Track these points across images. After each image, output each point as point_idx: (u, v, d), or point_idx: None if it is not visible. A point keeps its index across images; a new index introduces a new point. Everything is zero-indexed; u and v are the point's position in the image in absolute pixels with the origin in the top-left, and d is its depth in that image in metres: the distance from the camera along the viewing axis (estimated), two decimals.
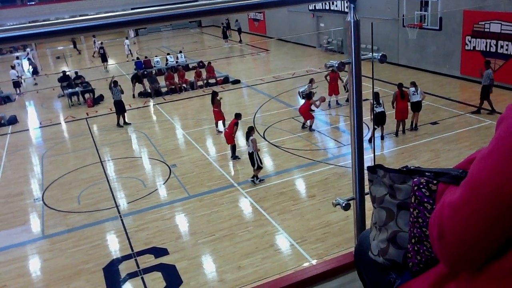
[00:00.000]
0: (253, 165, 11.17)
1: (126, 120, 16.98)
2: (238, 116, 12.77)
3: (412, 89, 13.09)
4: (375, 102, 12.40)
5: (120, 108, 16.75)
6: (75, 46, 37.99)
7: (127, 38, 31.84)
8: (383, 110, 12.70)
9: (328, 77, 16.22)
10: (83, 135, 16.31)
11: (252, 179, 11.21)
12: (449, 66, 18.72)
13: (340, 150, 12.91)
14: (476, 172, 0.82)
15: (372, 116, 12.70)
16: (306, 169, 11.80)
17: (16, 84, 23.46)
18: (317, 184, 10.91)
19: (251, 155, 11.14)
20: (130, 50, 30.62)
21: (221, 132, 14.33)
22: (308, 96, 14.35)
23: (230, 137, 12.52)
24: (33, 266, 9.03)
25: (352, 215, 2.09)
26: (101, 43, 29.16)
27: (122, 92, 16.96)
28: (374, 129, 12.50)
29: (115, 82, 17.04)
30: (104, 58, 27.85)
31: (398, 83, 13.45)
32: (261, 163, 11.26)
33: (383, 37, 21.41)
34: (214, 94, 15.13)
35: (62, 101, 21.16)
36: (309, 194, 10.63)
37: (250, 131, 11.22)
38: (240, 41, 32.53)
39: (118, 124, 16.77)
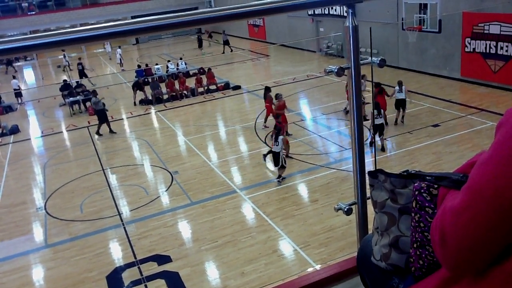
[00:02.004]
0: (277, 164, 11.33)
1: (112, 129, 17.07)
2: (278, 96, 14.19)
3: (397, 87, 14.18)
4: (376, 112, 12.32)
5: (101, 117, 16.85)
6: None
7: (119, 47, 31.70)
8: (382, 122, 12.60)
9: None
10: (85, 143, 16.34)
11: (278, 179, 11.38)
12: (449, 68, 18.74)
13: (342, 154, 12.91)
14: (477, 176, 0.82)
15: (372, 125, 12.72)
16: (308, 173, 11.79)
17: (18, 93, 23.55)
18: (320, 189, 10.90)
19: (277, 154, 11.22)
20: (121, 60, 30.37)
21: (268, 127, 15.01)
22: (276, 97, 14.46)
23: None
24: (36, 275, 9.02)
25: (355, 220, 2.09)
26: (80, 58, 28.67)
27: (103, 104, 17.18)
28: (373, 136, 12.48)
29: (94, 92, 17.71)
30: (82, 74, 26.47)
31: (375, 82, 14.04)
32: (285, 162, 11.43)
33: (383, 41, 21.45)
34: (267, 90, 15.76)
35: (64, 110, 21.23)
36: (311, 199, 10.61)
37: (279, 131, 11.56)
38: (223, 53, 31.87)
39: (98, 133, 16.87)
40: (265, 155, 12.55)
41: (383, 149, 12.59)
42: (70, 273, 8.75)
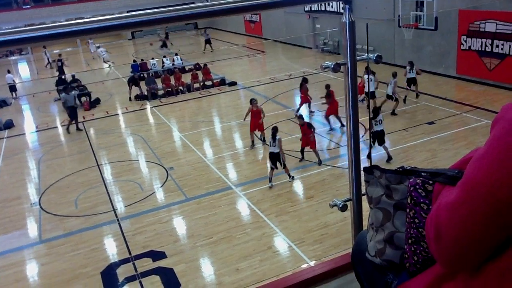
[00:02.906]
0: (277, 165, 11.03)
1: (79, 127, 17.07)
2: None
3: (408, 67, 16.04)
4: (374, 119, 11.43)
5: (71, 114, 16.90)
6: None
7: (98, 48, 31.08)
8: (383, 128, 11.63)
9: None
10: (80, 138, 16.28)
11: (290, 179, 11.18)
12: (445, 66, 18.78)
13: (337, 151, 12.92)
14: (472, 172, 0.82)
15: (370, 133, 12.43)
16: (303, 170, 11.81)
17: (12, 88, 23.40)
18: (315, 185, 10.92)
19: (276, 154, 10.98)
20: (104, 58, 29.92)
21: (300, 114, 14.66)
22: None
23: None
24: (31, 271, 9.00)
25: (350, 216, 2.09)
26: (60, 55, 28.47)
27: (75, 99, 17.34)
28: (371, 147, 11.62)
29: (66, 89, 18.02)
30: (61, 71, 26.36)
31: (325, 84, 14.58)
32: (285, 161, 11.23)
33: (379, 38, 21.46)
34: (304, 80, 16.14)
35: (58, 105, 21.11)
36: (306, 196, 10.63)
37: (276, 131, 11.19)
38: (204, 52, 30.63)
39: (68, 130, 16.96)
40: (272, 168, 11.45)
41: (389, 158, 11.54)
42: (65, 268, 8.73)
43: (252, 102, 13.70)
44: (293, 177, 11.29)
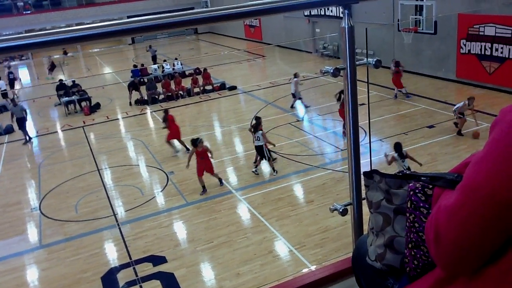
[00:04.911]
0: (263, 158, 11.74)
1: (27, 139, 17.10)
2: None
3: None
4: (398, 155, 9.88)
5: (20, 125, 17.08)
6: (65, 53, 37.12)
7: (66, 53, 30.48)
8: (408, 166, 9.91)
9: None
10: (80, 143, 16.28)
11: (274, 172, 11.79)
12: (444, 69, 18.81)
13: (337, 155, 12.92)
14: (471, 175, 0.82)
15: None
16: (304, 174, 11.80)
17: (4, 95, 23.48)
18: (315, 190, 10.91)
19: (261, 147, 11.54)
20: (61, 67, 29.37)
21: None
22: None
23: None
24: (31, 276, 8.98)
25: (350, 220, 2.09)
26: (9, 67, 28.68)
27: (24, 113, 17.39)
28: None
29: (13, 100, 18.36)
30: (12, 84, 26.55)
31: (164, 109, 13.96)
32: (270, 154, 11.73)
33: (379, 42, 21.50)
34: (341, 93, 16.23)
35: (59, 110, 21.14)
36: (307, 200, 10.62)
37: (259, 124, 11.67)
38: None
39: (26, 142, 16.98)
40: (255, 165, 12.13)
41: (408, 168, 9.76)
42: (65, 273, 8.72)
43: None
44: (276, 171, 11.77)
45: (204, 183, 11.28)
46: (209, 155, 11.42)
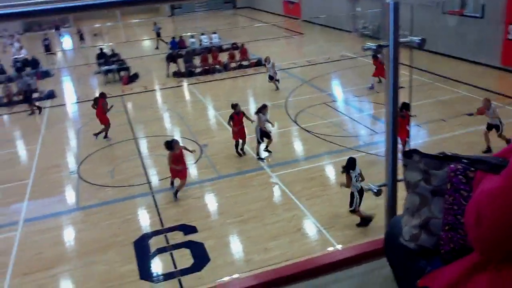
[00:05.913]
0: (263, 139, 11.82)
1: (34, 111, 17.26)
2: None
3: None
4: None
5: (27, 97, 17.49)
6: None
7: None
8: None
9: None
10: (118, 112, 16.61)
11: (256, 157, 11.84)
12: (488, 55, 18.08)
13: (371, 138, 12.75)
14: None
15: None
16: (336, 155, 11.72)
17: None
18: None
19: (259, 130, 11.68)
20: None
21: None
22: None
23: None
24: (67, 236, 9.38)
25: (382, 204, 2.09)
26: (46, 34, 29.08)
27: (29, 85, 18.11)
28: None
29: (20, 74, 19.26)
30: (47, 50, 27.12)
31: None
32: (261, 138, 11.74)
33: (421, 23, 20.78)
34: (380, 46, 16.63)
35: (98, 78, 21.58)
36: (338, 181, 10.56)
37: (263, 108, 11.80)
38: (157, 48, 27.48)
39: (33, 113, 17.19)
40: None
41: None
42: (99, 236, 9.06)
43: (236, 108, 11.95)
44: (263, 159, 11.68)
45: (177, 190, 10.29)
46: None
